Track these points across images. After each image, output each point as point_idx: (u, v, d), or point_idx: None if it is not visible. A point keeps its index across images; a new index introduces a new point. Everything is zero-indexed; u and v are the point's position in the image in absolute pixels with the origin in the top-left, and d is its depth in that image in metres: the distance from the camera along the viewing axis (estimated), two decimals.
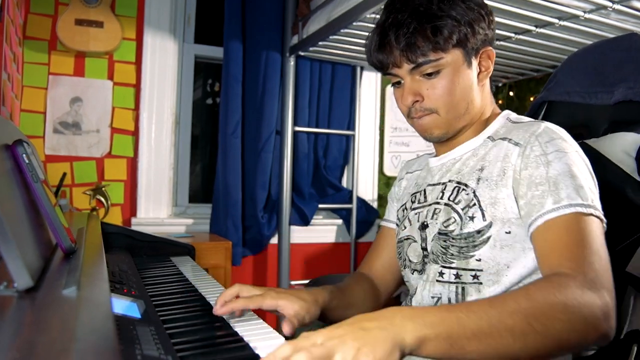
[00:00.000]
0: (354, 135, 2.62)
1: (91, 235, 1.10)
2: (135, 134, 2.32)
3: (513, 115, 1.02)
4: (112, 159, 2.29)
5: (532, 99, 2.48)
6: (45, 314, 0.55)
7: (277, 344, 0.75)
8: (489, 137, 0.97)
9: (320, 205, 2.54)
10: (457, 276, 0.91)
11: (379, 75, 2.75)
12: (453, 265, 0.92)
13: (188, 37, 2.46)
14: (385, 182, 2.80)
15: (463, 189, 0.93)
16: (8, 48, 1.71)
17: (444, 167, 1.01)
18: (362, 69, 2.64)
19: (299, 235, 2.54)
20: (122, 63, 2.29)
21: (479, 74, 0.96)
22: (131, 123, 2.31)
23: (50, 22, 2.16)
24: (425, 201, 1.01)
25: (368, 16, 1.71)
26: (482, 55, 0.95)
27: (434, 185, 1.00)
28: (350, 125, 2.63)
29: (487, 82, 0.99)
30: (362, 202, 2.67)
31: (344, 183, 2.72)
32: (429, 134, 0.98)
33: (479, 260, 0.89)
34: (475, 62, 0.95)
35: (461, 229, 0.90)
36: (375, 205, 2.75)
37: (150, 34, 2.31)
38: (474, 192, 0.91)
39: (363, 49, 2.24)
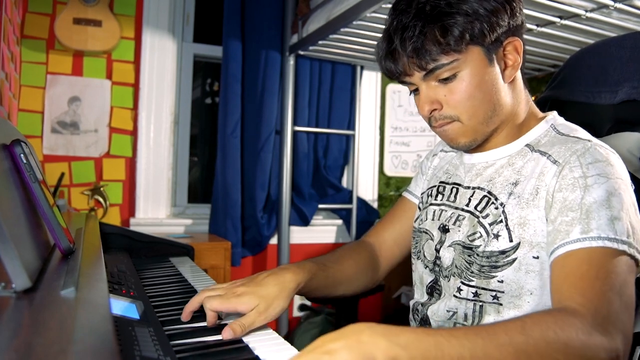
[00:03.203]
0: (354, 135, 2.62)
1: (89, 235, 1.09)
2: (134, 133, 2.31)
3: (559, 121, 0.92)
4: (110, 158, 2.28)
5: (533, 98, 2.48)
6: (43, 314, 0.54)
7: (276, 345, 0.75)
8: (527, 145, 0.89)
9: (320, 206, 2.54)
10: (476, 294, 0.86)
11: (379, 74, 2.74)
12: (472, 283, 0.87)
13: (187, 36, 2.45)
14: (386, 182, 2.80)
15: (492, 202, 0.86)
16: (6, 47, 1.70)
17: (474, 169, 0.94)
18: (362, 68, 2.63)
19: (299, 235, 2.54)
20: (120, 62, 2.28)
21: (504, 69, 0.86)
22: (130, 123, 2.30)
23: (48, 21, 2.15)
24: (449, 200, 0.95)
25: (368, 15, 1.71)
26: (507, 48, 0.85)
27: (463, 187, 0.94)
28: (351, 125, 2.63)
29: (518, 77, 0.89)
30: (362, 202, 2.66)
31: (344, 183, 2.71)
32: (455, 143, 0.89)
33: (501, 281, 0.84)
34: (498, 57, 0.85)
35: (485, 246, 0.85)
36: (375, 205, 2.75)
37: (149, 33, 2.30)
38: (503, 208, 0.84)
39: (363, 48, 2.24)
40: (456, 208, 0.93)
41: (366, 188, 2.74)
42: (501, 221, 0.84)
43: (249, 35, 2.35)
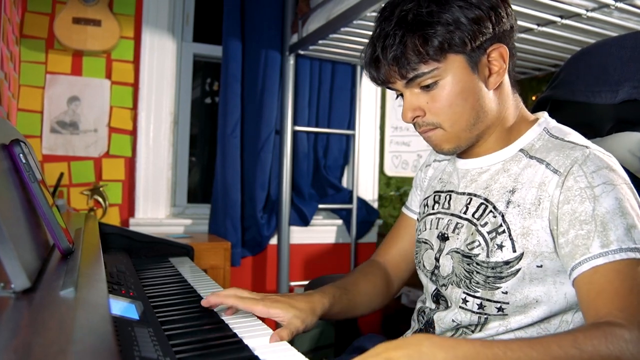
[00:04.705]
0: (354, 135, 2.62)
1: (89, 235, 1.09)
2: (134, 133, 2.31)
3: (552, 124, 0.91)
4: (110, 158, 2.27)
5: (534, 98, 2.48)
6: (42, 315, 0.54)
7: (275, 345, 0.75)
8: (521, 150, 0.88)
9: (320, 206, 2.53)
10: (481, 306, 0.86)
11: None
12: (477, 294, 0.87)
13: (187, 35, 2.45)
14: (386, 182, 2.79)
15: (491, 211, 0.86)
16: (5, 47, 1.70)
17: (469, 175, 0.93)
18: (362, 67, 2.63)
19: (299, 235, 2.53)
20: (120, 62, 2.27)
21: (489, 76, 0.85)
22: (129, 122, 2.30)
23: (47, 20, 2.15)
24: (444, 208, 0.95)
25: (368, 14, 1.70)
26: (492, 55, 0.84)
27: (457, 193, 0.94)
28: (351, 125, 2.62)
29: (505, 83, 0.88)
30: (362, 202, 2.66)
31: (344, 183, 2.71)
32: (439, 149, 0.89)
33: (506, 292, 0.83)
34: (482, 65, 0.84)
35: (487, 256, 0.84)
36: (375, 205, 2.75)
37: (148, 32, 2.30)
38: (502, 217, 0.84)
39: (363, 47, 2.23)
40: (452, 215, 0.93)
41: (366, 188, 2.74)
42: (504, 231, 0.83)
43: (249, 34, 2.35)
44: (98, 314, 0.57)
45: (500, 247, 0.83)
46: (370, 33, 0.82)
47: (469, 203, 0.90)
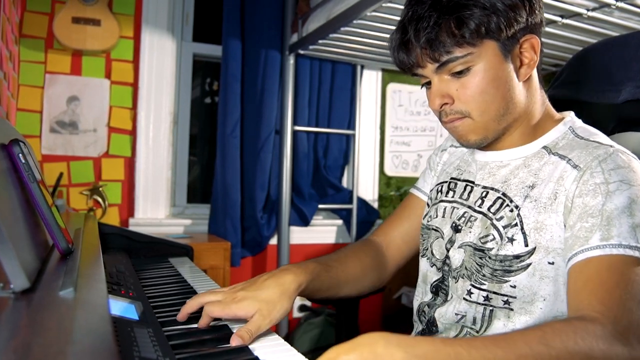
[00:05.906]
0: (354, 135, 2.61)
1: (88, 235, 1.09)
2: (133, 133, 2.30)
3: (578, 124, 0.89)
4: (109, 158, 2.27)
5: None
6: (41, 315, 0.53)
7: (276, 346, 0.74)
8: (544, 148, 0.86)
9: (320, 206, 2.53)
10: (487, 299, 0.85)
11: (380, 73, 2.74)
12: (484, 287, 0.85)
13: (186, 35, 2.44)
14: (386, 182, 2.79)
15: (507, 205, 0.84)
16: (4, 46, 1.69)
17: (487, 167, 0.92)
18: (362, 67, 2.63)
19: (299, 235, 2.53)
20: (119, 62, 2.27)
21: (520, 67, 0.84)
22: (129, 122, 2.30)
23: (46, 20, 2.14)
24: (461, 198, 0.93)
25: (369, 14, 1.70)
26: (524, 46, 0.83)
27: (474, 185, 0.92)
28: (351, 125, 2.62)
29: (534, 77, 0.87)
30: (362, 202, 2.66)
31: (344, 183, 2.71)
32: (465, 140, 0.87)
33: (514, 287, 0.82)
34: (514, 55, 0.83)
35: (498, 249, 0.83)
36: (375, 205, 2.74)
37: (148, 32, 2.29)
38: (518, 211, 0.83)
39: (364, 47, 2.23)
40: (469, 207, 0.91)
41: (366, 188, 2.73)
42: (516, 224, 0.82)
43: (249, 34, 2.35)
44: (97, 314, 0.57)
45: (512, 240, 0.82)
46: (370, 32, 0.81)
47: (485, 196, 0.89)
